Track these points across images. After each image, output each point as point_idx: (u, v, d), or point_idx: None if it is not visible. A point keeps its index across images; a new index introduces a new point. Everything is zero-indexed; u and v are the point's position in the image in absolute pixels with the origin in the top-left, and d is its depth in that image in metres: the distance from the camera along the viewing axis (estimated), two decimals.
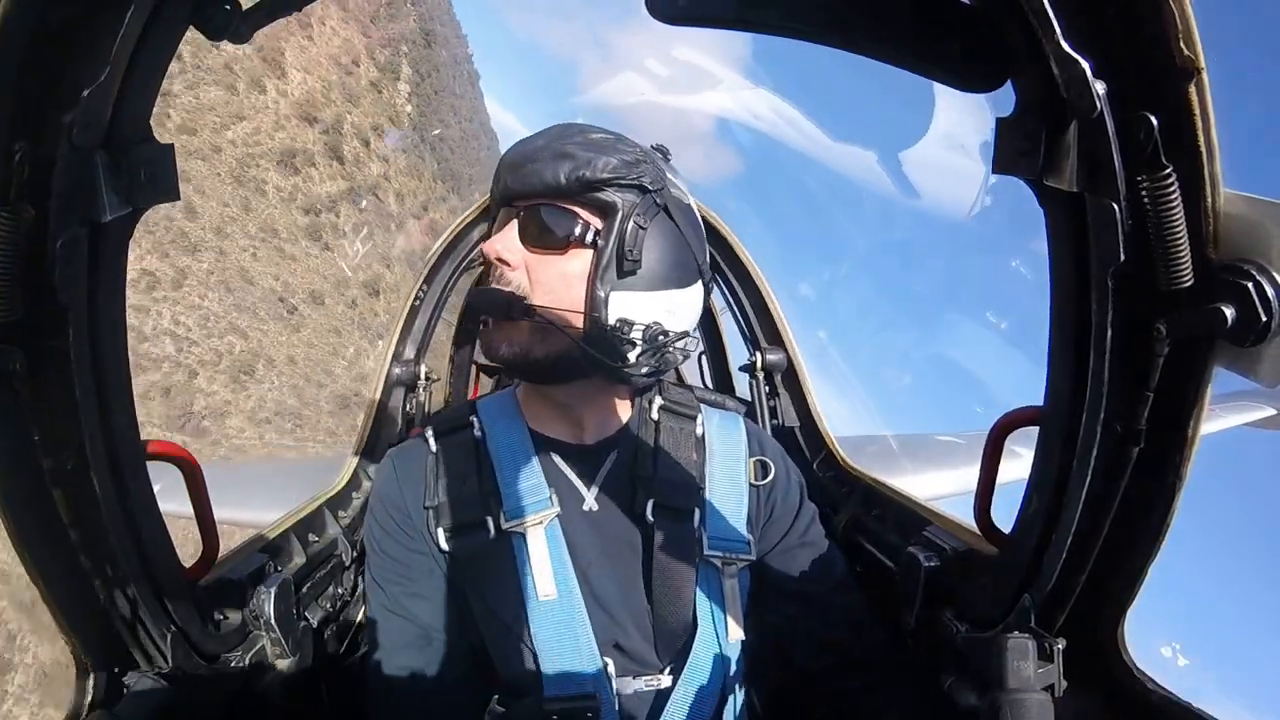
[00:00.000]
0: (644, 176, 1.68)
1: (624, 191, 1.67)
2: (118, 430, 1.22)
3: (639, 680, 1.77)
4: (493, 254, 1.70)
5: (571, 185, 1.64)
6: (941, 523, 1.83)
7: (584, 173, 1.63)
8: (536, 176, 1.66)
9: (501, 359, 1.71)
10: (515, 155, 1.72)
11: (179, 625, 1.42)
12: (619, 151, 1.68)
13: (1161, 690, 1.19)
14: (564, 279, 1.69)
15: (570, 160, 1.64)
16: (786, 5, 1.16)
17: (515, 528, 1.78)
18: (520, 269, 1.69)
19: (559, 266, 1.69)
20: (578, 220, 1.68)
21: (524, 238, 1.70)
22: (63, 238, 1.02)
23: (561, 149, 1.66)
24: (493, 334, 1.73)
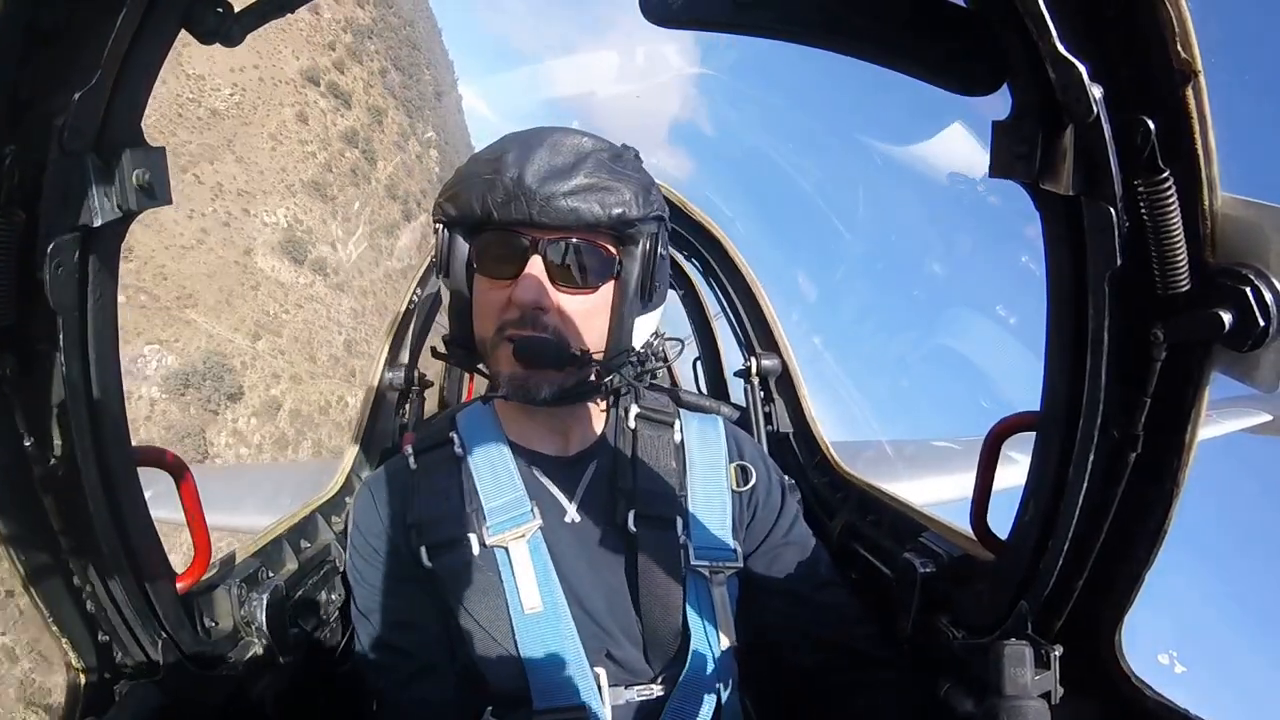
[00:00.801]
0: (657, 202, 1.68)
1: (646, 223, 1.67)
2: (109, 436, 1.21)
3: (631, 690, 1.76)
4: (530, 305, 1.62)
5: (612, 222, 1.61)
6: (937, 528, 1.82)
7: (622, 210, 1.60)
8: (572, 214, 1.58)
9: (543, 401, 1.69)
10: (529, 175, 1.59)
11: (170, 631, 1.41)
12: (634, 176, 1.66)
13: (1158, 697, 1.18)
14: (590, 315, 1.68)
15: (605, 194, 1.59)
16: (781, 8, 1.16)
17: (498, 542, 1.77)
18: (553, 312, 1.65)
19: (587, 303, 1.68)
20: (604, 254, 1.66)
21: (554, 278, 1.64)
22: (54, 242, 1.01)
23: (592, 178, 1.60)
24: (530, 380, 1.68)
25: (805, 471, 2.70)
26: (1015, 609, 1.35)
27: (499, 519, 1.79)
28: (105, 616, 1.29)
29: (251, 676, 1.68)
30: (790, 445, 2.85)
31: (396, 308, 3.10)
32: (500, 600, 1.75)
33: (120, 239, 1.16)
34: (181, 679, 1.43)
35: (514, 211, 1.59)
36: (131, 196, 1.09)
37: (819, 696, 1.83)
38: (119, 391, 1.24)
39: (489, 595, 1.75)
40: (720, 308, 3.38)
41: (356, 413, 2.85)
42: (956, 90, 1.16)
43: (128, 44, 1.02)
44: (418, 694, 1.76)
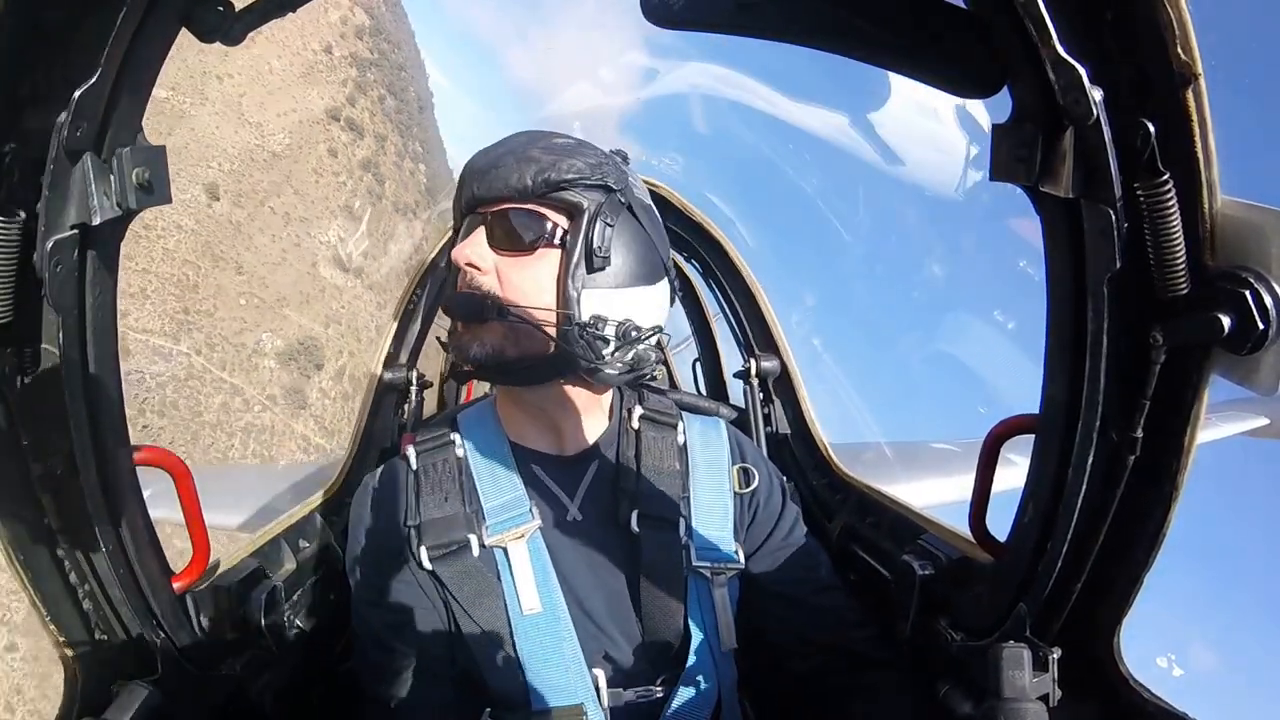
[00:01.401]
0: (608, 176, 1.71)
1: (589, 191, 1.70)
2: (107, 435, 1.21)
3: (630, 691, 1.76)
4: (462, 259, 1.70)
5: (537, 187, 1.66)
6: (937, 531, 1.82)
7: (549, 174, 1.66)
8: (501, 181, 1.68)
9: (473, 360, 1.70)
10: (479, 162, 1.74)
11: (168, 632, 1.41)
12: (582, 154, 1.72)
13: (1156, 700, 1.18)
14: (534, 280, 1.69)
15: (535, 163, 1.67)
16: (782, 10, 1.15)
17: (497, 543, 1.77)
18: (490, 273, 1.70)
19: (528, 268, 1.70)
20: (545, 221, 1.70)
21: (492, 242, 1.71)
22: (53, 240, 1.01)
23: (525, 153, 1.69)
24: (463, 336, 1.72)
25: (804, 473, 2.70)
26: (1014, 611, 1.34)
27: (498, 519, 1.79)
28: (103, 616, 1.29)
29: (250, 676, 1.68)
30: (789, 447, 2.84)
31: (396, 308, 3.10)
32: (499, 601, 1.75)
33: (120, 237, 1.16)
34: (180, 679, 1.43)
35: (466, 194, 1.75)
36: (131, 195, 1.09)
37: (818, 699, 1.83)
38: (118, 390, 1.23)
39: (488, 596, 1.75)
40: (719, 308, 3.38)
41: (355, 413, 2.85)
42: (957, 92, 1.16)
43: (128, 43, 1.02)
44: (417, 694, 1.76)
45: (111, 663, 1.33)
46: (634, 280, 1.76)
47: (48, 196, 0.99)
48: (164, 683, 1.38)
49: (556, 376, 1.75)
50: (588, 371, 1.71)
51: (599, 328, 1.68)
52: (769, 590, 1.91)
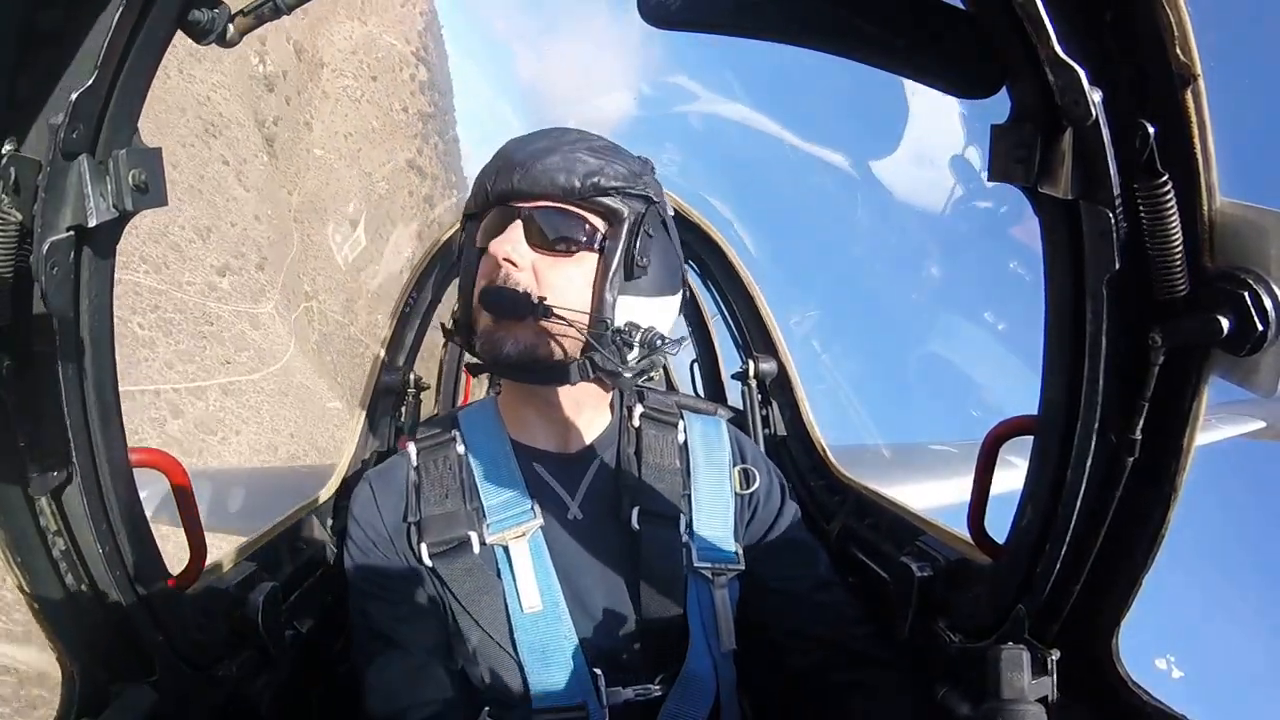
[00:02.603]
0: (649, 187, 1.74)
1: (630, 200, 1.71)
2: (105, 437, 1.21)
3: (629, 690, 1.75)
4: (500, 254, 1.67)
5: (585, 189, 1.66)
6: (935, 532, 1.82)
7: (598, 179, 1.66)
8: (548, 178, 1.66)
9: (505, 357, 1.70)
10: (519, 154, 1.71)
11: (166, 634, 1.40)
12: (624, 160, 1.73)
13: (1155, 702, 1.18)
14: (570, 282, 1.70)
15: (582, 165, 1.67)
16: (780, 12, 1.15)
17: (498, 540, 1.77)
18: (527, 270, 1.69)
19: (565, 269, 1.70)
20: (586, 224, 1.70)
21: (530, 239, 1.69)
22: (49, 242, 1.00)
23: (571, 154, 1.68)
24: (496, 332, 1.71)
25: (802, 475, 2.69)
26: (1013, 613, 1.34)
27: (499, 517, 1.79)
28: (101, 618, 1.28)
29: (247, 678, 1.68)
30: (787, 448, 2.84)
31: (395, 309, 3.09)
32: (499, 599, 1.75)
33: (116, 239, 1.15)
34: (177, 680, 1.43)
35: (502, 184, 1.71)
36: (127, 197, 1.09)
37: (816, 696, 1.83)
38: (115, 392, 1.23)
39: (488, 594, 1.75)
40: (717, 310, 3.38)
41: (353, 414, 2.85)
42: (955, 93, 1.16)
43: (124, 45, 1.02)
44: (416, 692, 1.75)
45: (109, 664, 1.33)
46: (661, 290, 1.78)
47: (44, 198, 0.99)
48: (162, 684, 1.38)
49: (579, 379, 1.75)
50: (609, 375, 1.72)
51: (630, 334, 1.69)
52: (768, 587, 1.91)
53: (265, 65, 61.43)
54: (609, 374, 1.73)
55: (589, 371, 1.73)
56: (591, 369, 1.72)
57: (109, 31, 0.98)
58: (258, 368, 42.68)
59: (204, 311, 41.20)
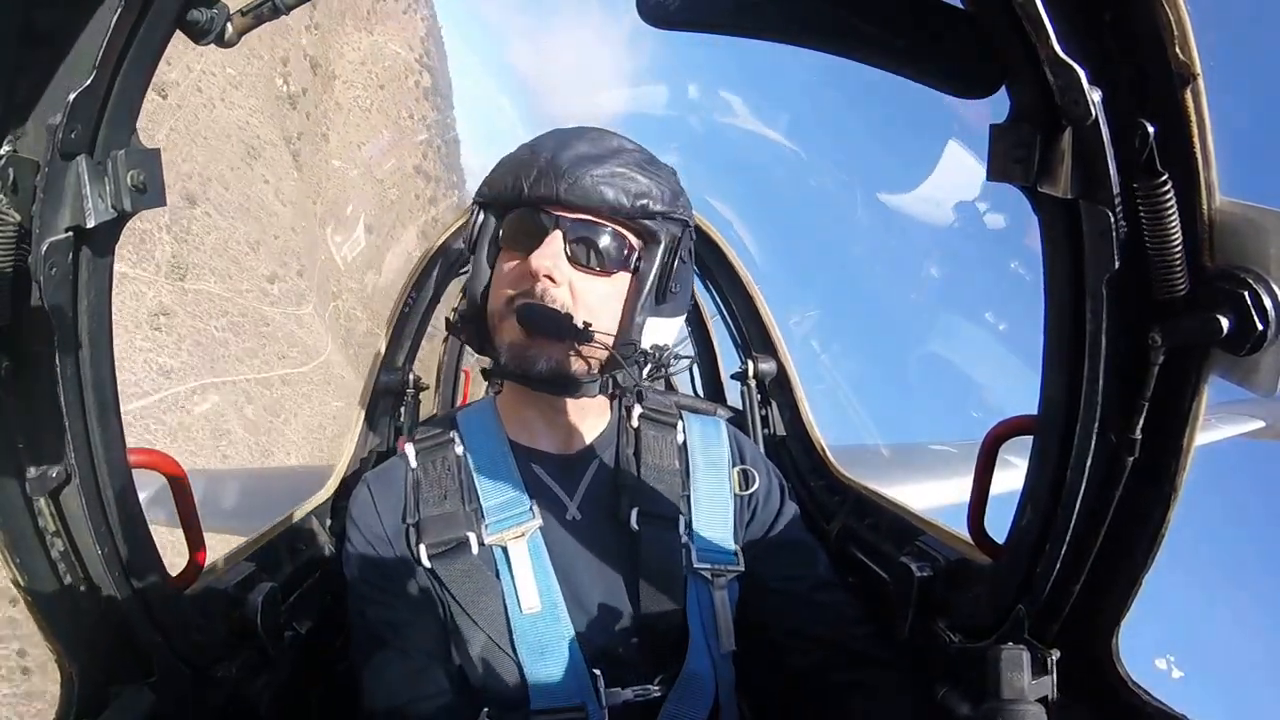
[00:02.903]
0: (686, 210, 1.75)
1: (668, 223, 1.72)
2: (104, 438, 1.21)
3: (629, 691, 1.75)
4: (542, 270, 1.65)
5: (634, 211, 1.66)
6: (935, 532, 1.82)
7: (647, 202, 1.67)
8: (598, 193, 1.64)
9: (538, 374, 1.70)
10: (563, 158, 1.67)
11: (165, 634, 1.40)
12: (668, 178, 1.73)
13: (1155, 702, 1.18)
14: (604, 301, 1.71)
15: (634, 184, 1.66)
16: (780, 11, 1.15)
17: (497, 541, 1.77)
18: (564, 286, 1.68)
19: (601, 288, 1.71)
20: (626, 243, 1.71)
21: (571, 255, 1.68)
22: (48, 243, 1.00)
23: (621, 168, 1.67)
24: (530, 349, 1.70)
25: (802, 475, 2.69)
26: (1013, 613, 1.34)
27: (498, 518, 1.79)
28: (100, 618, 1.28)
29: (247, 678, 1.67)
30: (787, 448, 2.84)
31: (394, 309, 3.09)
32: (498, 600, 1.75)
33: (114, 240, 1.15)
34: (176, 682, 1.42)
35: (543, 188, 1.66)
36: (126, 197, 1.09)
37: (816, 697, 1.83)
38: (114, 393, 1.23)
39: (487, 595, 1.75)
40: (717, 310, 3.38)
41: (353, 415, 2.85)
42: (955, 93, 1.16)
43: (123, 45, 1.02)
44: (415, 694, 1.75)
45: (108, 666, 1.33)
46: (680, 311, 1.82)
47: (42, 199, 0.99)
48: (161, 685, 1.38)
49: (599, 394, 1.77)
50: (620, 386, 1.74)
51: (658, 356, 1.74)
52: (768, 587, 1.91)
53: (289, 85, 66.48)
54: (622, 387, 1.76)
55: (610, 387, 1.76)
56: (612, 385, 1.75)
57: (107, 31, 0.98)
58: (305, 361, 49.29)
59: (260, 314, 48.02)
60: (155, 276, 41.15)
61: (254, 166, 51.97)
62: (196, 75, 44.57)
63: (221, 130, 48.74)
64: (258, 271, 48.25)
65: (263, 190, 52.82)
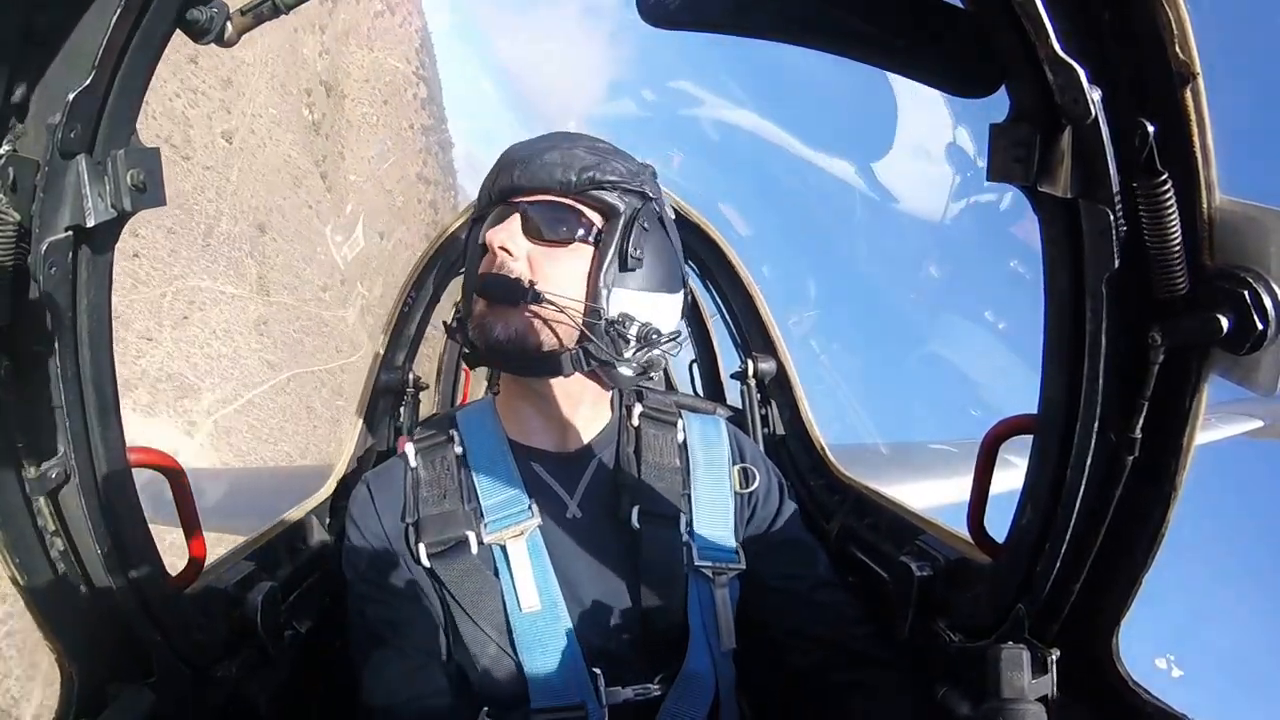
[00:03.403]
0: (645, 185, 1.76)
1: (627, 196, 1.74)
2: (103, 437, 1.21)
3: (628, 689, 1.75)
4: (496, 242, 1.70)
5: (581, 183, 1.69)
6: (935, 531, 1.82)
7: (593, 173, 1.70)
8: (545, 172, 1.70)
9: (495, 341, 1.70)
10: (520, 153, 1.77)
11: (165, 634, 1.40)
12: (623, 159, 1.76)
13: (1156, 701, 1.18)
14: (566, 272, 1.71)
15: (579, 161, 1.71)
16: (779, 10, 1.15)
17: (496, 540, 1.77)
18: (522, 259, 1.71)
19: (561, 260, 1.71)
20: (582, 217, 1.73)
21: (526, 230, 1.72)
22: (47, 242, 1.00)
23: (569, 150, 1.73)
24: (488, 317, 1.72)
25: (802, 474, 2.69)
26: (1012, 612, 1.34)
27: (497, 517, 1.79)
28: (99, 618, 1.28)
29: (247, 678, 1.67)
30: (786, 448, 2.83)
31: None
32: (497, 599, 1.75)
33: (114, 239, 1.15)
34: (176, 681, 1.42)
35: (503, 181, 1.77)
36: (126, 197, 1.09)
37: (816, 696, 1.83)
38: (114, 392, 1.23)
39: (486, 594, 1.75)
40: (716, 309, 3.37)
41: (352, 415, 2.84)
42: (954, 92, 1.16)
43: (122, 44, 1.02)
44: (414, 693, 1.75)
45: (108, 665, 1.32)
46: (658, 286, 1.79)
47: (42, 198, 0.99)
48: (160, 685, 1.37)
49: (573, 370, 1.74)
50: (603, 366, 1.72)
51: (625, 326, 1.70)
52: (768, 585, 1.91)
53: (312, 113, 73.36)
54: (603, 364, 1.73)
55: (583, 362, 1.72)
56: (585, 359, 1.72)
57: (107, 30, 0.98)
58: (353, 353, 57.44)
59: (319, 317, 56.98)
60: (251, 294, 48.88)
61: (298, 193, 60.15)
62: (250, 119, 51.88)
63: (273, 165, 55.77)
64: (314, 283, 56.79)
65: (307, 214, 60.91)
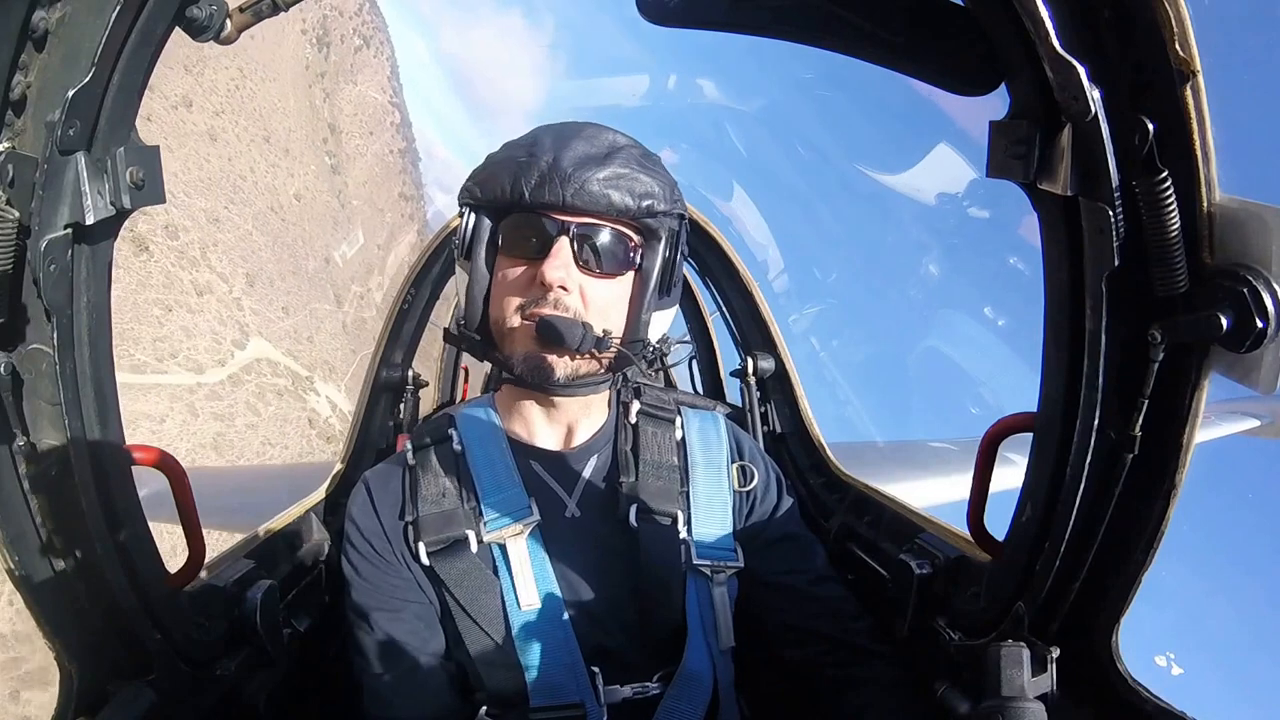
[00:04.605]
0: (682, 204, 1.75)
1: (667, 219, 1.73)
2: (102, 435, 1.20)
3: (627, 688, 1.75)
4: (554, 280, 1.64)
5: (639, 211, 1.66)
6: (934, 529, 1.82)
7: (652, 202, 1.67)
8: (605, 197, 1.63)
9: (556, 382, 1.72)
10: (564, 159, 1.64)
11: (164, 632, 1.40)
12: (663, 174, 1.72)
13: (1155, 699, 1.18)
14: (612, 301, 1.72)
15: (640, 185, 1.66)
16: (778, 7, 1.15)
17: (495, 539, 1.77)
18: (575, 293, 1.68)
19: (608, 289, 1.71)
20: (629, 243, 1.72)
21: (580, 261, 1.68)
22: (46, 240, 1.00)
23: (624, 168, 1.66)
24: (545, 358, 1.70)
25: (802, 472, 2.69)
26: (1012, 610, 1.34)
27: (496, 515, 1.78)
28: (99, 616, 1.28)
29: (245, 677, 1.67)
30: (786, 445, 2.83)
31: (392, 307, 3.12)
32: (497, 598, 1.74)
33: (114, 237, 1.15)
34: (175, 679, 1.42)
35: (547, 194, 1.64)
36: (125, 194, 1.09)
37: (815, 692, 1.83)
38: (113, 390, 1.23)
39: (486, 593, 1.74)
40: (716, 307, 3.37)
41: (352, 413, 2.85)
42: (954, 90, 1.16)
43: (121, 41, 1.02)
44: (413, 692, 1.75)
45: (107, 663, 1.32)
46: (676, 300, 1.82)
47: (41, 196, 0.98)
48: (159, 683, 1.37)
49: (606, 387, 1.76)
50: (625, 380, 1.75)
51: (664, 349, 1.75)
52: (766, 581, 1.91)
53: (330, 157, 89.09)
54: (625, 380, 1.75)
55: (619, 383, 1.75)
56: (622, 380, 1.77)
57: (106, 28, 0.98)
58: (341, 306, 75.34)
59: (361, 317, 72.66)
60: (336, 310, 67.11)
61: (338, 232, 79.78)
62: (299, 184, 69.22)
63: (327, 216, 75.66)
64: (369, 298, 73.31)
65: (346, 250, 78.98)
